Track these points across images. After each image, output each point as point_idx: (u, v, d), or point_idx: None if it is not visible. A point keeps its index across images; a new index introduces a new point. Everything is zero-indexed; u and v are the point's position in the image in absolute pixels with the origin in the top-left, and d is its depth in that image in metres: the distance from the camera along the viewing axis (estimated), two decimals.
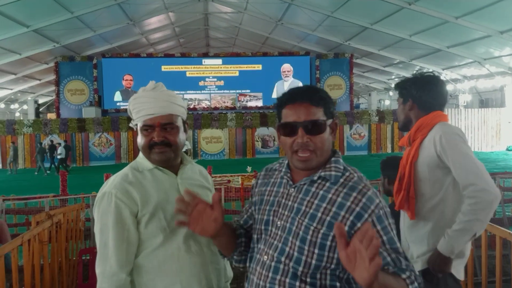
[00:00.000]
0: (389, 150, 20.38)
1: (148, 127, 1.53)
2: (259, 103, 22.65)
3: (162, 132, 1.53)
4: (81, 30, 16.91)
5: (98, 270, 1.46)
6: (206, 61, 22.52)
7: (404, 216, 2.13)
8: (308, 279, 1.24)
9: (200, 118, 19.58)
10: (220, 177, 11.29)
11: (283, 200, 1.34)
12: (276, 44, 22.81)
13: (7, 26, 13.90)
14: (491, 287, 3.12)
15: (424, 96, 2.04)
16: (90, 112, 19.75)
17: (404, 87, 2.13)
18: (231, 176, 11.73)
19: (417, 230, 2.03)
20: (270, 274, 1.28)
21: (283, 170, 1.39)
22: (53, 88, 22.55)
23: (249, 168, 12.15)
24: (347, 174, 1.30)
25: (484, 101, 22.84)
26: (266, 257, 1.31)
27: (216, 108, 22.19)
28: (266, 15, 18.00)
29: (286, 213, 1.31)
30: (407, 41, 16.68)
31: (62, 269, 4.00)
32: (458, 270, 1.98)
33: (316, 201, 1.27)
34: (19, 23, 14.15)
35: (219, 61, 22.64)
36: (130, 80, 21.67)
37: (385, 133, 20.42)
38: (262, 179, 1.49)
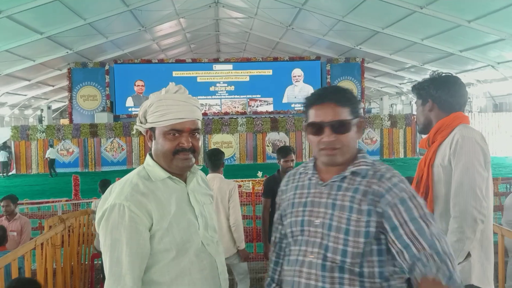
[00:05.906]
0: (401, 155, 20.17)
1: (176, 132, 1.43)
2: (270, 108, 22.63)
3: (189, 138, 1.46)
4: (94, 36, 17.10)
5: None
6: (217, 67, 22.61)
7: None
8: (356, 269, 1.26)
9: (211, 123, 19.64)
10: None
11: (316, 199, 1.37)
12: (286, 49, 22.80)
13: (21, 33, 14.12)
14: None
15: (443, 95, 2.00)
16: (102, 118, 19.94)
17: (422, 88, 2.09)
18: (242, 181, 11.69)
19: None
20: (320, 272, 1.29)
21: (310, 172, 1.44)
22: (66, 94, 22.83)
23: (259, 173, 12.11)
24: (376, 166, 1.36)
25: (498, 106, 22.50)
26: (312, 256, 1.32)
27: (226, 113, 22.23)
28: (276, 20, 18.01)
29: (322, 210, 1.34)
30: (419, 45, 16.53)
31: (75, 273, 4.02)
32: (479, 278, 1.90)
33: (350, 193, 1.32)
34: (33, 30, 14.36)
35: (229, 66, 22.71)
36: (142, 85, 21.84)
37: (397, 138, 20.22)
38: (286, 186, 1.52)
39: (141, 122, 1.52)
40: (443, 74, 2.07)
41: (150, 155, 1.52)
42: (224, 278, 1.55)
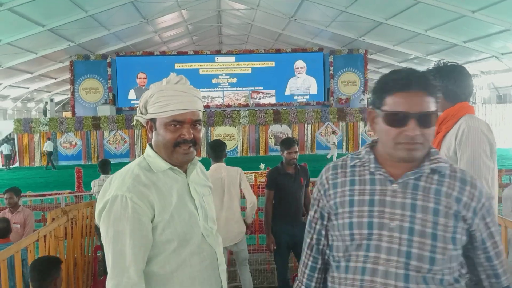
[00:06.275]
0: None
1: (177, 123, 1.41)
2: (272, 100, 22.58)
3: (191, 129, 1.43)
4: (96, 29, 17.07)
5: (111, 282, 1.28)
6: (219, 59, 22.55)
7: None
8: (437, 277, 1.17)
9: (213, 116, 19.63)
10: None
11: (388, 198, 1.20)
12: (289, 40, 22.69)
13: (23, 26, 14.11)
14: None
15: (450, 85, 1.98)
16: (104, 110, 19.96)
17: None
18: (245, 173, 11.68)
19: None
20: (402, 284, 1.15)
21: (372, 165, 1.25)
22: (68, 86, 22.84)
23: (262, 166, 12.10)
24: (451, 165, 1.25)
25: (502, 97, 22.38)
26: (387, 264, 1.17)
27: (229, 106, 22.21)
28: (279, 12, 17.91)
29: (398, 211, 1.18)
30: (422, 36, 16.41)
31: (78, 265, 4.03)
32: None
33: (432, 194, 1.19)
34: (35, 23, 14.35)
35: (232, 58, 22.64)
36: (144, 78, 21.83)
37: None
38: (334, 180, 1.31)
39: (141, 113, 1.50)
40: (449, 64, 2.04)
41: (150, 145, 1.50)
42: (223, 269, 1.55)
